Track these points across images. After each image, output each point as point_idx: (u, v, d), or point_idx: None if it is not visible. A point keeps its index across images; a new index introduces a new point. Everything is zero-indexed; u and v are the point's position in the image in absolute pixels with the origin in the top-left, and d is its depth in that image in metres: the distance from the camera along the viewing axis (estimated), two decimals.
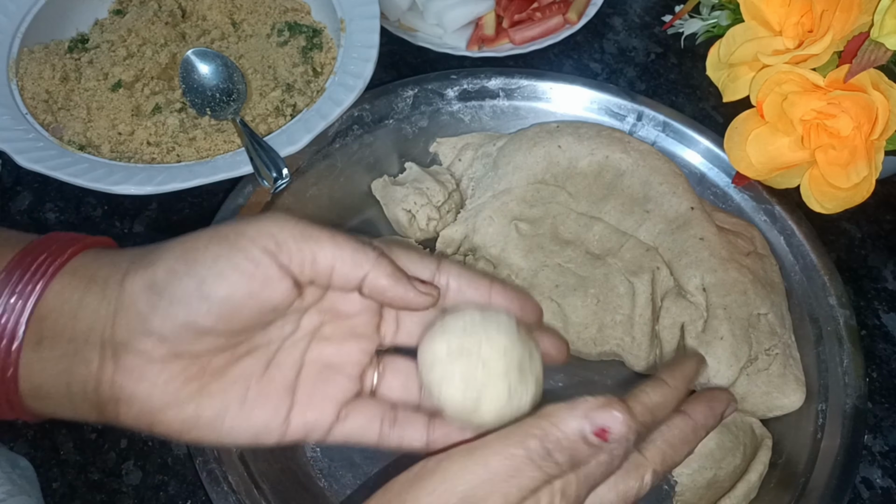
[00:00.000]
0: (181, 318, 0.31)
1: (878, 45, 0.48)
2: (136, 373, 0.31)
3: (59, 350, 0.31)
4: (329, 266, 0.32)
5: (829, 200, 0.52)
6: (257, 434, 0.34)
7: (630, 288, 0.54)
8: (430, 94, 0.63)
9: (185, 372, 0.32)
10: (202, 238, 0.32)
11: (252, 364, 0.34)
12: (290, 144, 0.56)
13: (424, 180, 0.59)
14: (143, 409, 0.31)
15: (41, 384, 0.32)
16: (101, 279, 0.32)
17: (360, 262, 0.32)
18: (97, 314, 0.31)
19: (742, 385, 0.51)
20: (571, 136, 0.58)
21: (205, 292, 0.30)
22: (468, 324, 0.33)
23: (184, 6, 0.68)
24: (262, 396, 0.34)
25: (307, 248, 0.32)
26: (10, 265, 0.32)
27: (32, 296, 0.31)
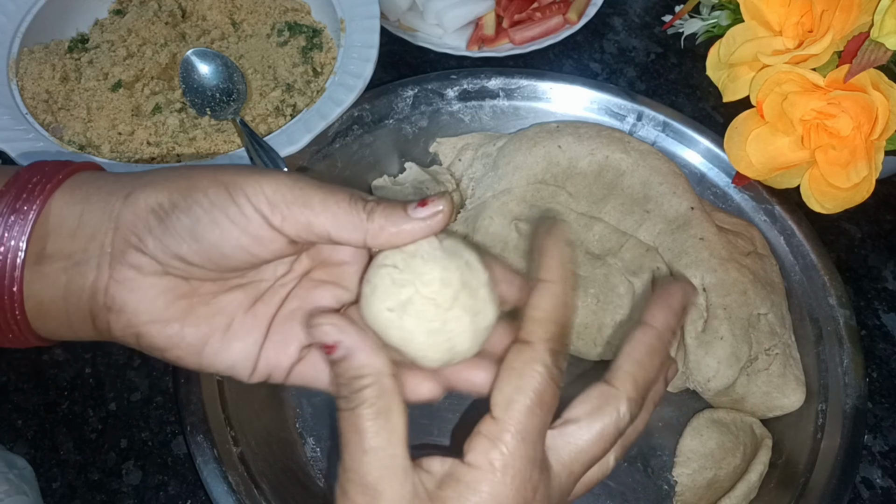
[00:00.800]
0: (173, 248, 0.31)
1: (878, 45, 0.48)
2: (127, 284, 0.32)
3: (59, 264, 0.32)
4: (325, 231, 0.32)
5: (829, 200, 0.52)
6: (233, 366, 0.34)
7: (630, 288, 0.54)
8: (430, 94, 0.63)
9: (175, 289, 0.32)
10: (204, 178, 0.32)
11: (241, 297, 0.34)
12: (290, 144, 0.56)
13: (424, 180, 0.59)
14: (131, 319, 0.32)
15: (42, 300, 0.32)
16: (103, 194, 0.32)
17: (355, 225, 0.31)
18: (97, 228, 0.32)
19: (742, 385, 0.51)
20: (571, 136, 0.58)
21: (197, 233, 0.31)
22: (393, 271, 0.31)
23: (184, 6, 0.68)
24: (243, 329, 0.34)
25: (300, 214, 0.31)
26: (5, 186, 0.32)
27: (32, 212, 0.32)
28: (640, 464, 0.52)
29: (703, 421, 0.52)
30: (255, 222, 0.31)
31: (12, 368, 0.53)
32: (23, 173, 0.33)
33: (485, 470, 0.30)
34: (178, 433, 0.52)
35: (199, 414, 0.47)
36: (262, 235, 0.31)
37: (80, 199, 0.32)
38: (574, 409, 0.33)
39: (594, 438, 0.32)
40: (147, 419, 0.52)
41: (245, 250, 0.32)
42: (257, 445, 0.48)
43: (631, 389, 0.32)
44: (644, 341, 0.34)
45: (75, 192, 0.33)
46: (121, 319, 0.32)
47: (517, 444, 0.30)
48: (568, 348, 0.32)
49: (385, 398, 0.30)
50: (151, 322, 0.32)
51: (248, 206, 0.31)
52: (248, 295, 0.35)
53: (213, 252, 0.31)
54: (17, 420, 0.52)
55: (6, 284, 0.32)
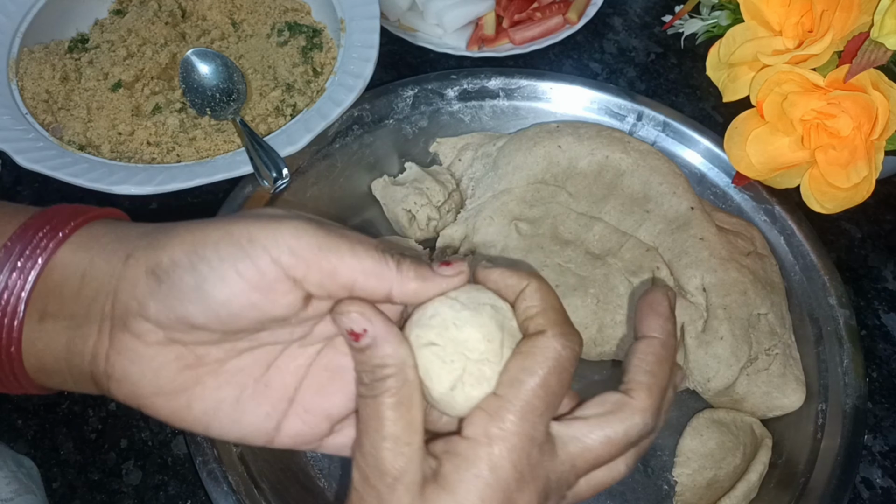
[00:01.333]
0: (176, 311, 0.30)
1: (878, 45, 0.48)
2: (129, 354, 0.30)
3: (61, 324, 0.31)
4: (350, 280, 0.30)
5: (829, 200, 0.52)
6: (245, 436, 0.33)
7: (630, 288, 0.54)
8: (430, 94, 0.63)
9: (180, 360, 0.31)
10: (213, 233, 0.30)
11: (252, 362, 0.33)
12: (290, 144, 0.56)
13: (424, 180, 0.59)
14: (133, 391, 0.31)
15: (44, 358, 0.31)
16: (106, 254, 0.31)
17: (383, 275, 0.30)
18: (100, 289, 0.31)
19: (742, 385, 0.51)
20: (571, 136, 0.58)
21: (203, 293, 0.29)
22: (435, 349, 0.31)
23: (184, 6, 0.68)
24: (256, 400, 0.33)
25: (326, 263, 0.30)
26: (11, 238, 0.31)
27: (33, 271, 0.31)
28: (640, 464, 0.52)
29: (703, 421, 0.52)
30: (270, 276, 0.29)
31: None
32: (30, 224, 0.32)
33: (482, 443, 0.30)
34: (178, 433, 0.52)
35: None
36: (275, 288, 0.29)
37: (85, 258, 0.31)
38: (586, 408, 0.32)
39: (602, 440, 0.32)
40: (147, 419, 0.52)
41: (255, 307, 0.30)
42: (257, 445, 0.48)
43: (646, 399, 0.32)
44: (651, 352, 0.34)
45: (81, 248, 0.31)
46: (122, 389, 0.31)
47: (517, 420, 0.30)
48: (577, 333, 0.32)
49: (406, 388, 0.30)
50: (155, 395, 0.31)
51: (263, 257, 0.29)
52: (260, 360, 0.33)
53: (221, 312, 0.30)
54: (17, 420, 0.52)
55: (3, 344, 0.31)
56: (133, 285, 0.30)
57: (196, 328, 0.30)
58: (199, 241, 0.30)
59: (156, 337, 0.30)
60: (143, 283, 0.30)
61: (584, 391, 0.55)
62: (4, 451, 0.45)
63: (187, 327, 0.30)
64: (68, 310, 0.31)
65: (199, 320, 0.30)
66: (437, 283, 0.32)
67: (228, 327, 0.30)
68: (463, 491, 0.29)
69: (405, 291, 0.31)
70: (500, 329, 0.31)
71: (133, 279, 0.30)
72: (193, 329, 0.30)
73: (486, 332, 0.31)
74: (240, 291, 0.29)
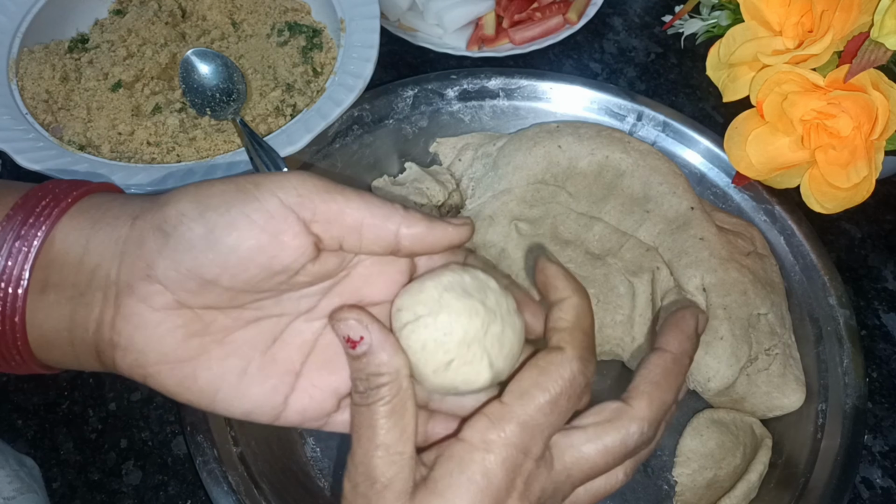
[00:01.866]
0: (186, 263, 0.29)
1: (878, 45, 0.48)
2: (135, 319, 0.30)
3: (64, 294, 0.30)
4: (358, 221, 0.30)
5: (829, 200, 0.52)
6: (251, 411, 0.32)
7: (630, 288, 0.54)
8: (430, 94, 0.63)
9: (186, 326, 0.30)
10: (218, 184, 0.30)
11: (258, 334, 0.32)
12: (290, 144, 0.56)
13: (424, 180, 0.59)
14: (138, 359, 0.30)
15: (46, 331, 0.31)
16: (110, 219, 0.31)
17: (390, 215, 0.31)
18: (103, 256, 0.30)
19: (742, 385, 0.51)
20: (571, 136, 0.58)
21: (212, 240, 0.29)
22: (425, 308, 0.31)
23: (184, 6, 0.68)
24: (262, 373, 0.32)
25: (334, 203, 0.30)
26: (13, 209, 0.31)
27: (36, 239, 0.30)
28: (641, 464, 0.52)
29: (703, 421, 0.52)
30: (278, 217, 0.29)
31: None
32: (32, 194, 0.32)
33: (478, 447, 0.30)
34: (178, 433, 0.52)
35: (199, 414, 0.47)
36: (283, 230, 0.29)
37: (88, 225, 0.31)
38: (585, 417, 0.32)
39: (599, 449, 0.31)
40: (147, 419, 0.52)
41: (264, 252, 0.29)
42: (257, 445, 0.48)
43: (645, 409, 0.32)
44: (660, 365, 0.34)
45: (83, 216, 0.31)
46: (127, 358, 0.30)
47: (518, 431, 0.30)
48: (595, 361, 0.32)
49: (400, 397, 0.30)
50: (161, 362, 0.30)
51: (272, 199, 0.29)
52: (266, 332, 0.33)
53: (231, 259, 0.29)
54: (17, 420, 0.52)
55: (8, 314, 0.30)
56: (139, 245, 0.30)
57: (205, 284, 0.30)
58: (205, 192, 0.30)
59: (163, 300, 0.30)
60: (150, 241, 0.29)
61: None
62: (6, 451, 0.45)
63: (196, 284, 0.29)
64: (71, 279, 0.31)
65: (208, 272, 0.29)
66: (444, 229, 0.31)
67: (237, 278, 0.30)
68: (453, 496, 0.29)
69: (412, 233, 0.31)
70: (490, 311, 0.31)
71: (139, 239, 0.30)
72: (202, 286, 0.30)
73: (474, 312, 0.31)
74: (249, 234, 0.29)
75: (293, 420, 0.33)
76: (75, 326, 0.31)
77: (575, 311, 0.32)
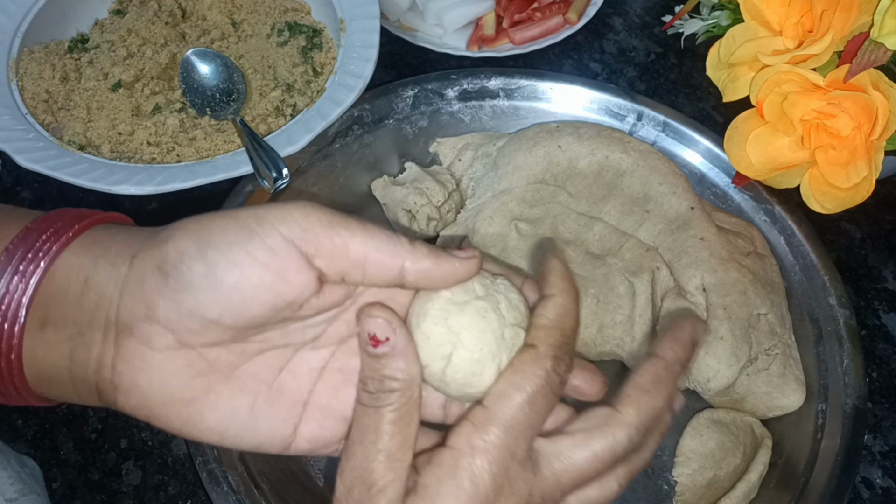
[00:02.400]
0: (187, 304, 0.28)
1: (878, 45, 0.48)
2: (137, 362, 0.29)
3: (63, 332, 0.30)
4: (362, 256, 0.29)
5: (829, 200, 0.52)
6: (261, 444, 0.32)
7: (630, 288, 0.54)
8: (430, 94, 0.63)
9: (190, 366, 0.30)
10: (219, 221, 0.29)
11: (264, 366, 0.32)
12: (290, 144, 0.56)
13: (424, 180, 0.59)
14: (141, 401, 0.30)
15: (45, 367, 0.30)
16: (110, 257, 0.30)
17: (396, 251, 0.30)
18: (102, 295, 0.29)
19: (742, 385, 0.51)
20: (571, 136, 0.58)
21: (214, 279, 0.28)
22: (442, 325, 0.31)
23: (184, 6, 0.68)
24: (271, 407, 0.32)
25: (337, 237, 0.29)
26: (12, 243, 0.30)
27: (34, 276, 0.30)
28: (636, 474, 0.52)
29: (703, 421, 0.52)
30: (281, 253, 0.28)
31: None
32: (34, 227, 0.31)
33: (464, 453, 0.30)
34: None
35: None
36: (287, 266, 0.29)
37: (89, 262, 0.30)
38: (574, 423, 0.32)
39: (587, 456, 0.31)
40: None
41: (268, 289, 0.29)
42: None
43: (633, 415, 0.32)
44: (651, 371, 0.33)
45: (85, 253, 0.30)
46: (131, 400, 0.30)
47: (501, 433, 0.30)
48: (572, 359, 0.32)
49: (409, 405, 0.30)
50: (166, 404, 0.30)
51: (274, 235, 0.28)
52: (272, 364, 0.32)
53: (234, 298, 0.28)
54: (17, 420, 0.52)
55: (3, 350, 0.30)
56: (139, 286, 0.29)
57: (207, 324, 0.29)
58: (205, 229, 0.29)
59: (165, 341, 0.29)
60: (150, 281, 0.29)
61: None
62: (8, 452, 0.45)
63: (198, 324, 0.29)
64: (71, 316, 0.30)
65: (210, 312, 0.29)
66: (451, 264, 0.31)
67: (241, 317, 0.29)
68: (443, 502, 0.29)
69: (418, 268, 0.30)
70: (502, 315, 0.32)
71: (139, 279, 0.29)
72: (205, 326, 0.29)
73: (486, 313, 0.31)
74: (251, 273, 0.28)
75: (303, 449, 0.33)
76: (75, 365, 0.30)
77: (557, 310, 0.32)
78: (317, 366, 0.33)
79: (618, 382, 0.55)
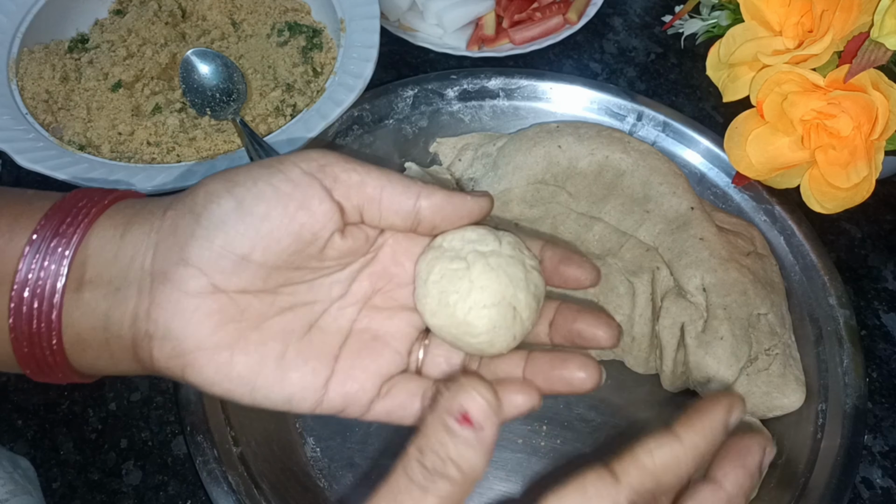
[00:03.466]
0: (218, 240, 0.30)
1: (878, 45, 0.48)
2: (171, 306, 0.30)
3: (100, 291, 0.31)
4: (378, 192, 0.31)
5: (829, 200, 0.52)
6: (291, 397, 0.32)
7: (630, 288, 0.54)
8: (430, 94, 0.63)
9: (222, 311, 0.30)
10: (244, 167, 0.32)
11: (294, 321, 0.32)
12: (290, 144, 0.56)
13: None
14: (176, 347, 0.30)
15: (81, 329, 0.31)
16: (143, 216, 0.32)
17: (410, 188, 0.32)
18: (137, 248, 0.31)
19: (742, 385, 0.51)
20: (571, 136, 0.58)
21: (242, 212, 0.30)
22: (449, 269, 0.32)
23: (184, 6, 0.68)
24: (301, 358, 0.32)
25: (354, 173, 0.31)
26: (51, 210, 0.32)
27: (74, 237, 0.31)
28: None
29: None
30: (303, 184, 0.30)
31: None
32: (69, 198, 0.32)
33: None
34: (178, 433, 0.52)
35: (199, 414, 0.47)
36: (309, 196, 0.30)
37: (122, 222, 0.32)
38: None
39: None
40: (147, 419, 0.52)
41: (294, 220, 0.30)
42: (257, 445, 0.48)
43: None
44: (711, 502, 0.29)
45: (119, 215, 0.32)
46: (165, 347, 0.30)
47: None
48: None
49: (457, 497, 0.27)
50: (198, 349, 0.30)
51: (294, 169, 0.31)
52: (302, 319, 0.33)
53: (262, 230, 0.30)
54: (17, 420, 0.52)
55: (44, 310, 0.30)
56: (173, 232, 0.30)
57: (239, 262, 0.30)
58: (232, 173, 0.31)
59: (198, 284, 0.30)
60: (182, 226, 0.30)
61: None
62: (1, 452, 0.45)
63: (230, 263, 0.30)
64: (106, 275, 0.31)
65: (241, 246, 0.30)
66: (462, 200, 0.32)
67: (270, 251, 0.30)
68: None
69: (431, 203, 0.32)
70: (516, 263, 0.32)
71: (172, 227, 0.31)
72: (236, 264, 0.30)
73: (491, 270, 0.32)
74: (277, 203, 0.30)
75: (336, 405, 0.33)
76: (111, 324, 0.31)
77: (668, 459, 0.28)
78: (344, 325, 0.34)
79: (618, 382, 0.55)
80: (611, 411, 0.53)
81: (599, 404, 0.54)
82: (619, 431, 0.53)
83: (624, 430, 0.53)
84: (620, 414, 0.53)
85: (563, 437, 0.52)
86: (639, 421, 0.53)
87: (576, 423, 0.53)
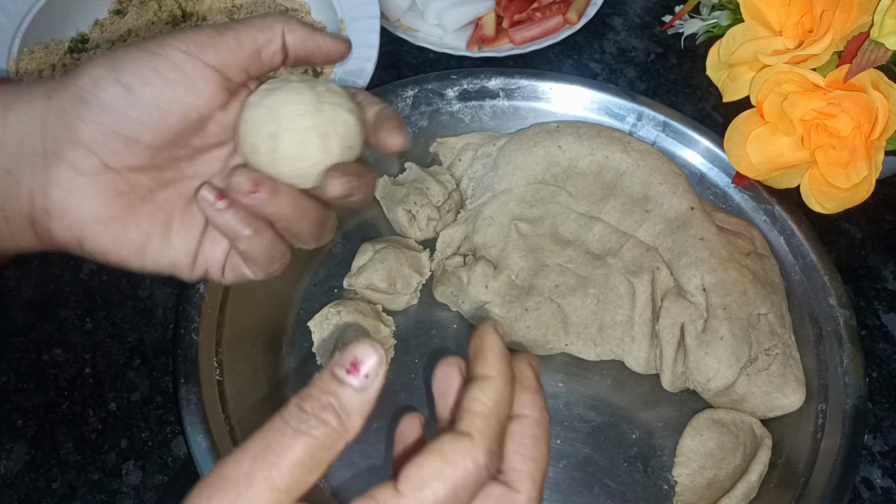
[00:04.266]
0: (109, 124, 0.32)
1: (878, 45, 0.48)
2: (66, 185, 0.32)
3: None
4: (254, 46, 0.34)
5: (829, 200, 0.52)
6: (174, 263, 0.36)
7: (630, 288, 0.54)
8: (430, 94, 0.63)
9: (114, 186, 0.33)
10: (124, 51, 0.33)
11: (177, 193, 0.36)
12: None
13: (424, 180, 0.59)
14: (72, 221, 0.33)
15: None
16: (23, 98, 0.32)
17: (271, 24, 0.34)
18: (25, 131, 0.32)
19: (742, 385, 0.51)
20: (571, 136, 0.58)
21: (132, 98, 0.32)
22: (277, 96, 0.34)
23: (184, 6, 0.68)
24: (183, 226, 0.36)
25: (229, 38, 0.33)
26: None
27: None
28: (640, 464, 0.52)
29: (703, 421, 0.52)
30: (186, 65, 0.32)
31: (12, 368, 0.53)
32: None
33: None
34: (178, 433, 0.52)
35: (199, 414, 0.47)
36: (193, 77, 0.32)
37: (2, 108, 0.32)
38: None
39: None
40: (147, 419, 0.52)
41: (180, 101, 0.32)
42: None
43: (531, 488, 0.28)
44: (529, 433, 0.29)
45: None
46: (62, 223, 0.33)
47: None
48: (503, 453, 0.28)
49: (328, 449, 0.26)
50: (94, 222, 0.33)
51: (174, 53, 0.32)
52: (184, 192, 0.36)
53: (152, 113, 0.32)
54: (17, 420, 0.52)
55: None
56: (61, 116, 0.32)
57: (128, 143, 0.32)
58: (113, 58, 0.33)
59: (90, 164, 0.32)
60: (70, 111, 0.32)
61: (584, 391, 0.55)
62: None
63: (121, 144, 0.32)
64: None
65: (131, 129, 0.32)
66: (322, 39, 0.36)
67: (159, 132, 0.33)
68: None
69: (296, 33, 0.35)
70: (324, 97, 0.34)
71: (59, 111, 0.32)
72: (126, 145, 0.32)
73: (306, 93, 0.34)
74: (163, 88, 0.32)
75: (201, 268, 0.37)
76: (6, 201, 0.32)
77: (496, 395, 0.28)
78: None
79: (618, 382, 0.55)
80: (611, 411, 0.53)
81: (599, 404, 0.54)
82: (619, 431, 0.53)
83: (624, 430, 0.53)
84: (620, 414, 0.53)
85: (563, 437, 0.52)
86: (639, 421, 0.53)
87: (576, 423, 0.53)
